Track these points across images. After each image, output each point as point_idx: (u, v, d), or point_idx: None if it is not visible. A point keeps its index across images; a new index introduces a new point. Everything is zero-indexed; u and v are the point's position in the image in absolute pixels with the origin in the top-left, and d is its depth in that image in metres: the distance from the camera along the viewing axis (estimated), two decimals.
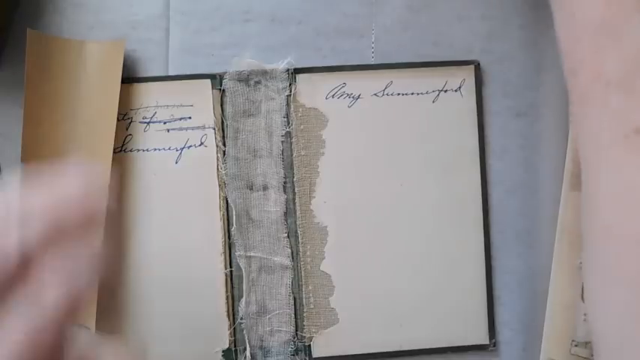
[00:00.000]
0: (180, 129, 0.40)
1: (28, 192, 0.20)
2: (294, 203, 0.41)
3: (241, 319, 0.40)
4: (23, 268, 0.19)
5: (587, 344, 0.39)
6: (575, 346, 0.39)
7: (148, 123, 0.40)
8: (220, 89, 0.40)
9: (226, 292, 0.40)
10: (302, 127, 0.41)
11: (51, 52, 0.39)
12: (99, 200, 0.21)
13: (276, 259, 0.40)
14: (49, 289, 0.19)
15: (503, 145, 0.41)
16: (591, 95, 0.30)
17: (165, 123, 0.40)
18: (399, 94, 0.41)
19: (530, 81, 0.41)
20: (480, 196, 0.41)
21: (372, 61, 0.41)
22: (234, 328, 0.40)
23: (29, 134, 0.38)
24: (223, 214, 0.40)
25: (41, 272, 0.19)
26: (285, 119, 0.41)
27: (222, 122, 0.41)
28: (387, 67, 0.41)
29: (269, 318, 0.40)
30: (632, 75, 0.29)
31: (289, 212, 0.41)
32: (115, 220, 0.39)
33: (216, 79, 0.40)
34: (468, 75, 0.41)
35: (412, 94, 0.41)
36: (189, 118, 0.40)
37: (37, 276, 0.19)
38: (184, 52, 0.41)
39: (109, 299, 0.39)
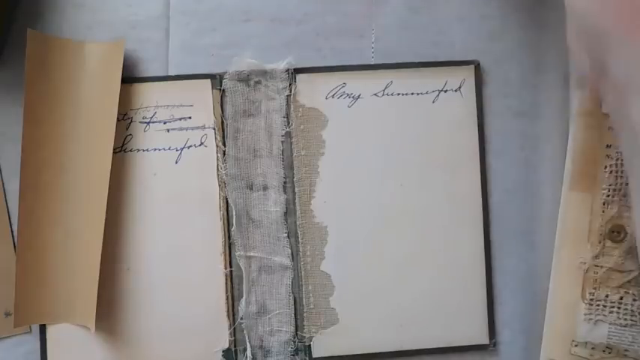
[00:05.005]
0: (180, 129, 0.40)
1: None
2: (294, 203, 0.41)
3: (241, 319, 0.40)
4: None
5: (587, 344, 0.39)
6: (575, 346, 0.39)
7: (148, 123, 0.40)
8: (220, 89, 0.40)
9: (226, 292, 0.40)
10: (302, 127, 0.41)
11: (51, 52, 0.39)
12: None
13: (276, 259, 0.40)
14: None
15: (503, 145, 0.41)
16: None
17: (165, 123, 0.40)
18: (399, 94, 0.41)
19: (530, 81, 0.41)
20: (480, 196, 0.41)
21: (372, 61, 0.41)
22: (234, 328, 0.40)
23: (29, 134, 0.38)
24: (223, 214, 0.40)
25: None
26: (285, 119, 0.41)
27: (222, 122, 0.41)
28: (387, 67, 0.41)
29: (269, 318, 0.40)
30: None
31: (289, 212, 0.41)
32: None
33: (216, 79, 0.40)
34: (468, 75, 0.41)
35: (412, 94, 0.41)
36: (189, 118, 0.40)
37: None
38: (184, 52, 0.41)
39: (109, 299, 0.39)
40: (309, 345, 0.40)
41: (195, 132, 0.40)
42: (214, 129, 0.40)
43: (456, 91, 0.41)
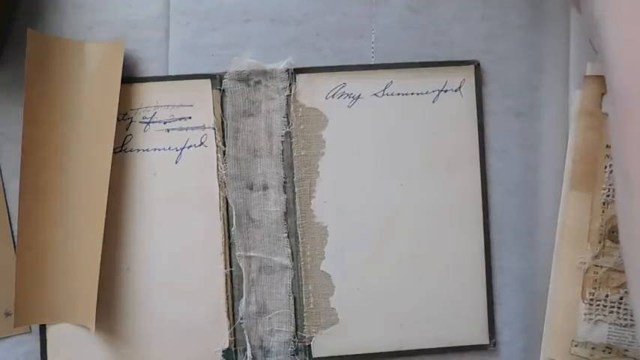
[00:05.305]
0: (180, 129, 0.40)
1: None
2: (294, 203, 0.41)
3: (241, 319, 0.40)
4: None
5: (587, 344, 0.39)
6: (575, 346, 0.39)
7: (148, 123, 0.40)
8: (220, 89, 0.40)
9: (226, 292, 0.40)
10: (302, 127, 0.41)
11: (51, 52, 0.39)
12: None
13: (276, 259, 0.40)
14: None
15: (503, 145, 0.41)
16: None
17: (165, 123, 0.40)
18: (399, 94, 0.41)
19: (530, 81, 0.41)
20: (480, 196, 0.41)
21: (372, 61, 0.41)
22: (234, 328, 0.40)
23: (29, 134, 0.38)
24: (223, 214, 0.40)
25: None
26: (285, 119, 0.41)
27: (222, 122, 0.41)
28: (387, 67, 0.41)
29: (269, 318, 0.40)
30: None
31: (289, 212, 0.41)
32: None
33: (216, 79, 0.40)
34: (468, 75, 0.41)
35: (412, 94, 0.41)
36: (189, 118, 0.40)
37: None
38: (184, 52, 0.41)
39: (109, 299, 0.39)
40: (309, 345, 0.40)
41: (195, 132, 0.40)
42: (214, 129, 0.40)
43: (456, 91, 0.41)
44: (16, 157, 0.38)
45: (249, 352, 0.40)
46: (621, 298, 0.39)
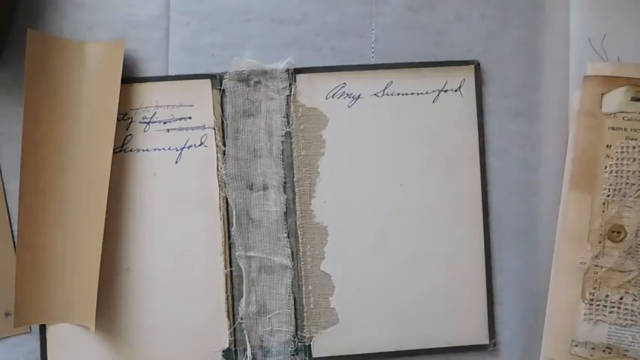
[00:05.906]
0: (180, 129, 0.40)
1: None
2: (294, 203, 0.41)
3: (241, 319, 0.40)
4: None
5: (587, 344, 0.39)
6: (575, 346, 0.39)
7: (148, 123, 0.40)
8: (220, 89, 0.40)
9: (226, 292, 0.40)
10: (302, 127, 0.41)
11: (51, 52, 0.39)
12: None
13: (276, 259, 0.40)
14: None
15: (503, 145, 0.41)
16: None
17: (165, 123, 0.40)
18: (399, 94, 0.41)
19: (530, 81, 0.41)
20: (480, 196, 0.41)
21: (372, 61, 0.41)
22: (234, 328, 0.40)
23: (29, 134, 0.38)
24: (223, 214, 0.40)
25: None
26: (285, 119, 0.41)
27: (222, 122, 0.41)
28: (387, 67, 0.41)
29: (269, 318, 0.40)
30: None
31: (289, 212, 0.41)
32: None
33: (216, 79, 0.40)
34: (468, 75, 0.41)
35: (412, 94, 0.41)
36: (189, 118, 0.40)
37: None
38: (184, 52, 0.41)
39: (109, 299, 0.39)
40: (309, 345, 0.40)
41: (195, 132, 0.40)
42: (214, 129, 0.40)
43: (456, 91, 0.41)
44: (16, 157, 0.38)
45: (249, 352, 0.40)
46: (621, 298, 0.39)
